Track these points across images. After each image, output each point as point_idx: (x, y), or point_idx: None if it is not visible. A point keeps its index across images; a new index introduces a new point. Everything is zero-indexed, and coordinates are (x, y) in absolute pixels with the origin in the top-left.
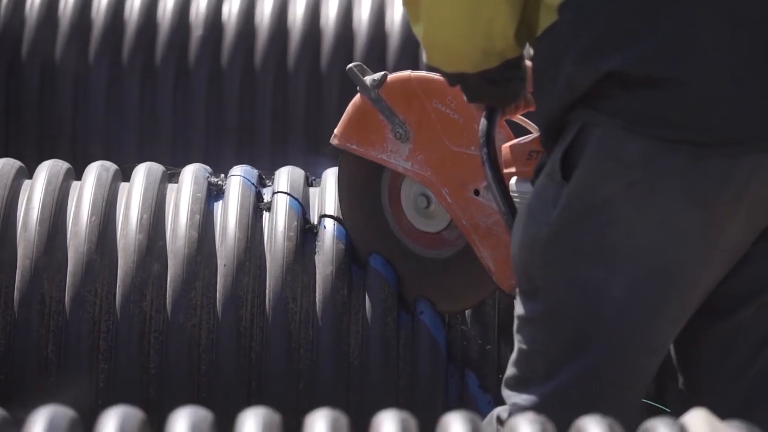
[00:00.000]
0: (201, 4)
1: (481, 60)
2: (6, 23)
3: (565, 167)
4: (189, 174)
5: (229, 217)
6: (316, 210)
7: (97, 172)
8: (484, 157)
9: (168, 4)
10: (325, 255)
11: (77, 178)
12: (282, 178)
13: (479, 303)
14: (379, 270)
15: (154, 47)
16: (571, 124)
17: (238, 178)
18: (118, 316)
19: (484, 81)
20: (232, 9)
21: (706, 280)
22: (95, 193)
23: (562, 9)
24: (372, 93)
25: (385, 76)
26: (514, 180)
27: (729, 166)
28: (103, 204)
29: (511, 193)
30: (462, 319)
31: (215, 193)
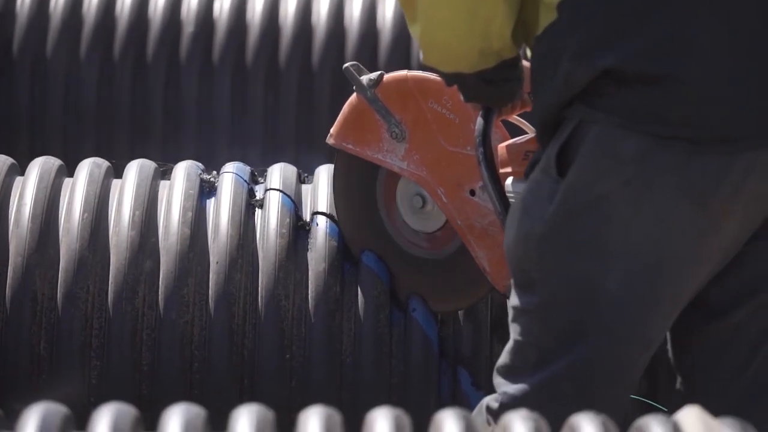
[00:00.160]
0: (192, 1)
1: (478, 60)
2: None
3: (561, 163)
4: (181, 171)
5: (221, 214)
6: (308, 207)
7: (89, 168)
8: (480, 157)
9: (159, 1)
10: (317, 252)
11: (69, 174)
12: (274, 175)
13: (474, 303)
14: (372, 267)
15: (145, 44)
16: (567, 120)
17: (230, 175)
18: (111, 313)
19: (481, 81)
20: (223, 6)
21: (699, 276)
22: (87, 190)
23: (561, 7)
24: (368, 92)
25: (381, 75)
26: (510, 180)
27: (725, 164)
28: (96, 201)
29: (506, 193)
30: (455, 316)
31: (207, 190)
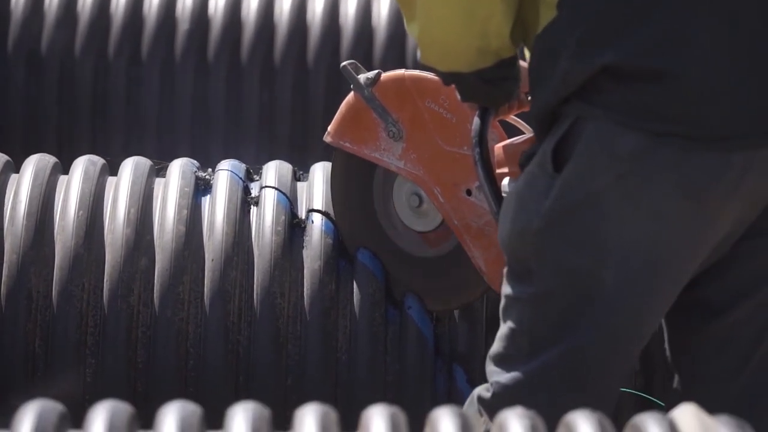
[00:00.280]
0: None
1: (476, 59)
2: None
3: (556, 158)
4: (176, 168)
5: (216, 211)
6: (303, 204)
7: (84, 166)
8: (477, 157)
9: None
10: (312, 250)
11: (64, 172)
12: (270, 173)
13: (470, 303)
14: (367, 264)
15: (140, 41)
16: (564, 116)
17: (225, 173)
18: (106, 310)
19: (478, 80)
20: (218, 3)
21: (692, 270)
22: (82, 187)
23: (561, 5)
24: (365, 91)
25: (378, 74)
26: (506, 180)
27: (722, 161)
28: (91, 198)
29: (503, 193)
30: (450, 314)
31: (203, 187)
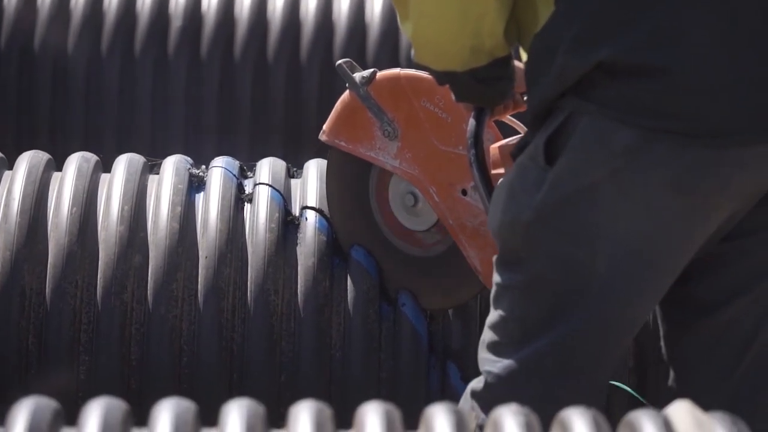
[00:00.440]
0: None
1: (469, 58)
2: None
3: (549, 152)
4: (170, 165)
5: (210, 208)
6: (297, 201)
7: (77, 163)
8: (472, 158)
9: None
10: (306, 247)
11: (58, 169)
12: (263, 170)
13: (465, 302)
14: (361, 262)
15: (133, 38)
16: (558, 110)
17: (219, 170)
18: (99, 307)
19: (472, 79)
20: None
21: (682, 265)
22: (76, 184)
23: (558, 0)
24: (361, 90)
25: (374, 73)
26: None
27: (717, 157)
28: (84, 195)
29: None
30: (444, 312)
31: (196, 184)
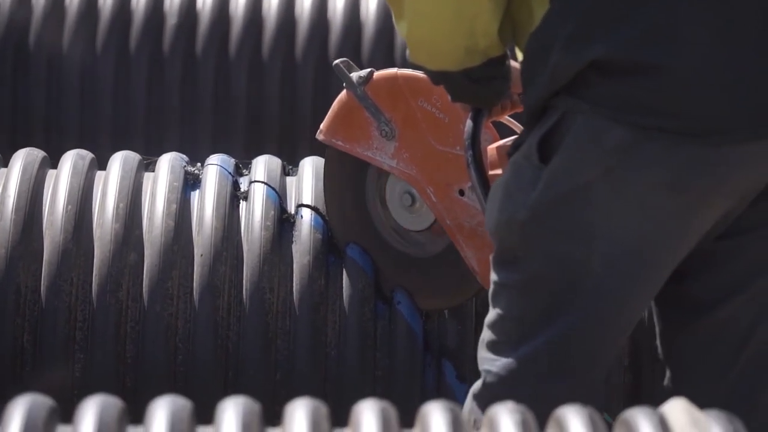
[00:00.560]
0: None
1: (464, 58)
2: None
3: (543, 151)
4: (165, 163)
5: (206, 206)
6: (293, 199)
7: (72, 160)
8: (469, 159)
9: None
10: (302, 245)
11: (53, 166)
12: (259, 167)
13: (462, 303)
14: (357, 260)
15: (128, 35)
16: (552, 109)
17: (214, 167)
18: (95, 305)
19: (467, 79)
20: None
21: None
22: (71, 182)
23: None
24: (358, 90)
25: (371, 73)
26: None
27: (710, 155)
28: (79, 193)
29: None
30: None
31: (192, 182)
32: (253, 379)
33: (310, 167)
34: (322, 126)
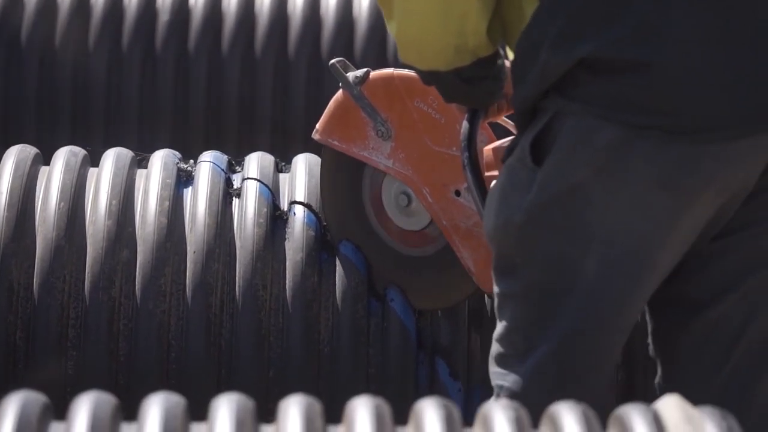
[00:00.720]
0: None
1: (453, 57)
2: None
3: (536, 152)
4: (158, 160)
5: (198, 203)
6: (286, 196)
7: (65, 157)
8: (465, 161)
9: None
10: (295, 242)
11: (45, 163)
12: (252, 164)
13: (458, 303)
14: (350, 257)
15: (120, 32)
16: (543, 110)
17: (207, 164)
18: (87, 302)
19: (457, 79)
20: None
21: (670, 262)
22: (64, 178)
23: None
24: (354, 90)
25: (367, 73)
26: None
27: (699, 153)
28: (72, 190)
29: None
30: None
31: (185, 179)
32: (246, 377)
33: (303, 164)
34: (318, 126)
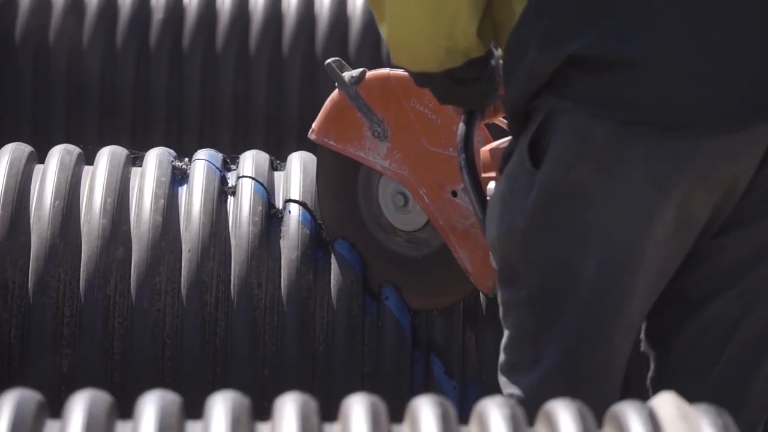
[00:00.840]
0: None
1: (444, 59)
2: None
3: (533, 154)
4: (153, 158)
5: (193, 201)
6: (281, 194)
7: (60, 155)
8: (462, 162)
9: None
10: (290, 240)
11: (40, 161)
12: (247, 163)
13: (455, 303)
14: (345, 255)
15: (115, 30)
16: (536, 111)
17: (202, 162)
18: (82, 301)
19: (449, 80)
20: None
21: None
22: (58, 177)
23: None
24: (350, 90)
25: (363, 72)
26: (492, 184)
27: (689, 149)
28: (67, 188)
29: (488, 198)
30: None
31: (179, 177)
32: (241, 375)
33: (297, 162)
34: (314, 125)
